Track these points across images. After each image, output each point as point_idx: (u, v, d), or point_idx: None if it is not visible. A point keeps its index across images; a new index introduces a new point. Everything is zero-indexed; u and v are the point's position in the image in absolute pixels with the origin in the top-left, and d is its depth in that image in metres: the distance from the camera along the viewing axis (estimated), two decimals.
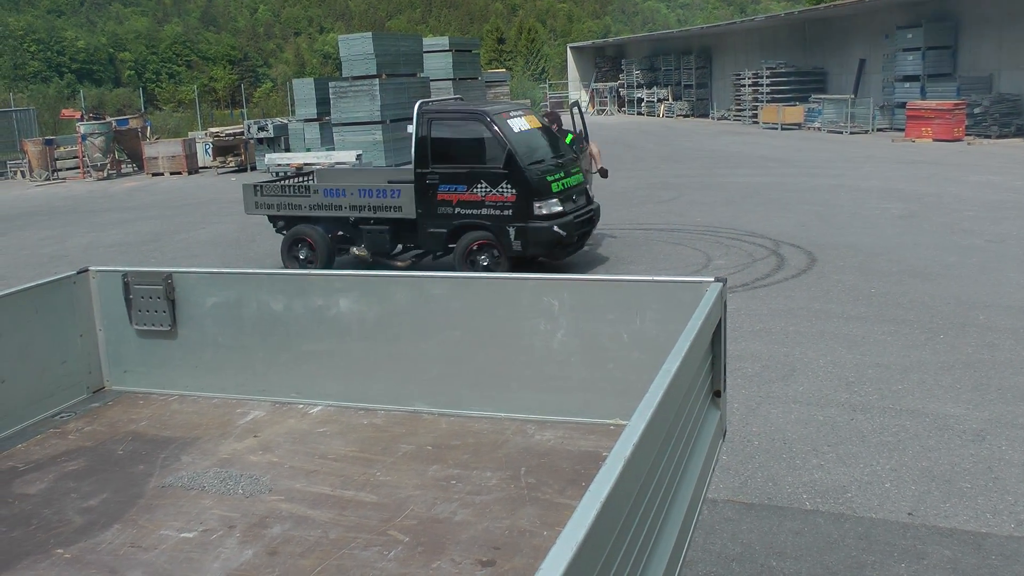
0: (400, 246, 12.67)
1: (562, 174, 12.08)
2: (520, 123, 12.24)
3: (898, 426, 6.64)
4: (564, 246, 11.91)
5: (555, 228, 11.52)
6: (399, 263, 12.56)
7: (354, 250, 12.55)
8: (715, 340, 3.41)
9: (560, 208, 11.73)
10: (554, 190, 11.75)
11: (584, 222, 12.28)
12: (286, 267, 12.60)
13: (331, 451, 3.66)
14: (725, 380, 3.60)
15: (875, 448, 6.27)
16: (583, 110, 14.32)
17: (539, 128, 12.76)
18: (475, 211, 11.73)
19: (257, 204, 12.97)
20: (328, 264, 12.53)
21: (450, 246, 12.03)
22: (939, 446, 6.26)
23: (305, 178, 14.19)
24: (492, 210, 11.66)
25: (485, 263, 11.77)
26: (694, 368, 2.93)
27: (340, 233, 12.66)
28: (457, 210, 11.81)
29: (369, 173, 14.75)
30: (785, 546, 5.01)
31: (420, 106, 12.12)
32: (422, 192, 11.92)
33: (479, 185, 11.66)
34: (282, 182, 13.63)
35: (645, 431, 2.06)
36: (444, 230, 11.93)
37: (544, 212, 11.56)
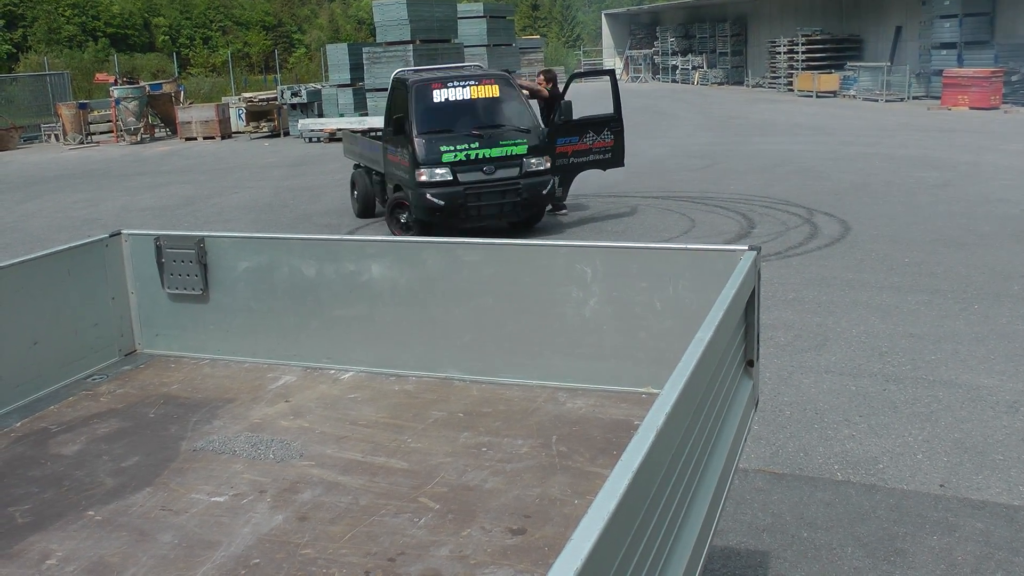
0: None
1: (475, 144, 11.99)
2: (454, 92, 12.38)
3: (931, 397, 6.56)
4: (452, 215, 11.89)
5: (428, 195, 11.78)
6: None
7: None
8: (748, 309, 3.37)
9: (449, 177, 11.80)
10: (445, 160, 11.80)
11: (502, 192, 12.08)
12: None
13: (362, 417, 3.65)
14: (758, 350, 3.55)
15: (907, 419, 6.20)
16: (617, 79, 14.15)
17: (486, 98, 12.62)
18: (397, 172, 12.63)
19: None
20: None
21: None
22: (972, 417, 6.18)
23: None
24: (402, 173, 12.36)
25: (403, 221, 12.63)
26: (727, 337, 2.89)
27: None
28: (391, 171, 12.90)
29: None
30: (816, 517, 4.97)
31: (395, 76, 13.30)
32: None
33: (400, 149, 12.40)
34: None
35: (678, 401, 2.03)
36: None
37: (424, 179, 11.81)
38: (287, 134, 30.49)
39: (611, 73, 14.48)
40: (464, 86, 12.43)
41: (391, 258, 4.09)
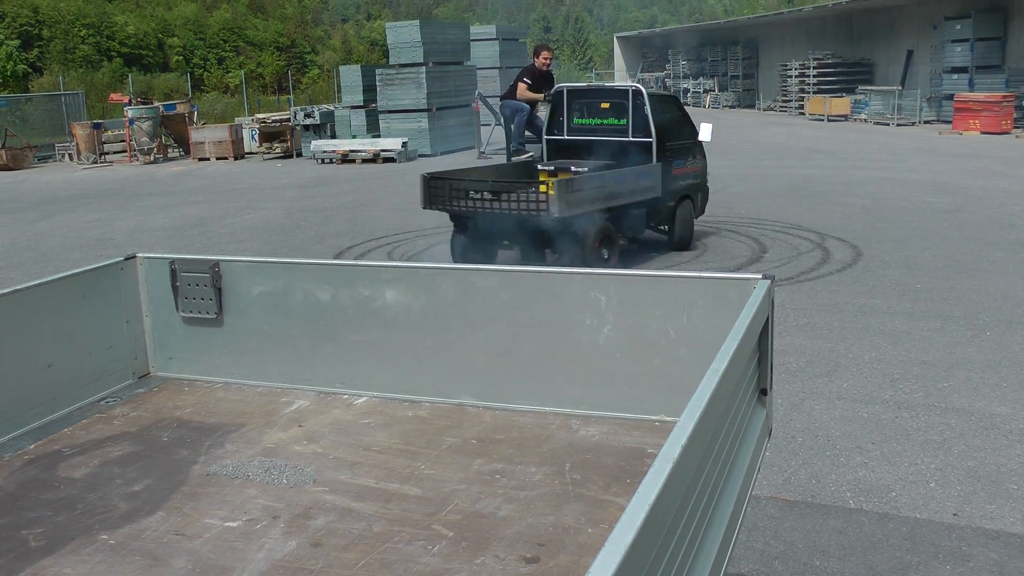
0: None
1: None
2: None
3: (944, 424, 6.54)
4: None
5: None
6: None
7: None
8: (762, 338, 3.37)
9: None
10: None
11: None
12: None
13: (375, 443, 3.65)
14: (771, 378, 3.55)
15: (920, 446, 6.18)
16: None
17: None
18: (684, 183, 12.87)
19: (569, 204, 10.47)
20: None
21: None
22: (985, 445, 6.16)
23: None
24: (692, 180, 12.88)
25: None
26: (741, 367, 2.89)
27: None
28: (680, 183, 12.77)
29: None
30: (828, 545, 4.95)
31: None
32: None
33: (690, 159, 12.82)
34: None
35: (693, 432, 2.03)
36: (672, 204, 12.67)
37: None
38: (300, 155, 30.62)
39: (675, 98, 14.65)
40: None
41: (406, 284, 4.10)
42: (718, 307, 3.53)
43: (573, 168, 11.71)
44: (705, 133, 12.51)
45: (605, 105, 12.46)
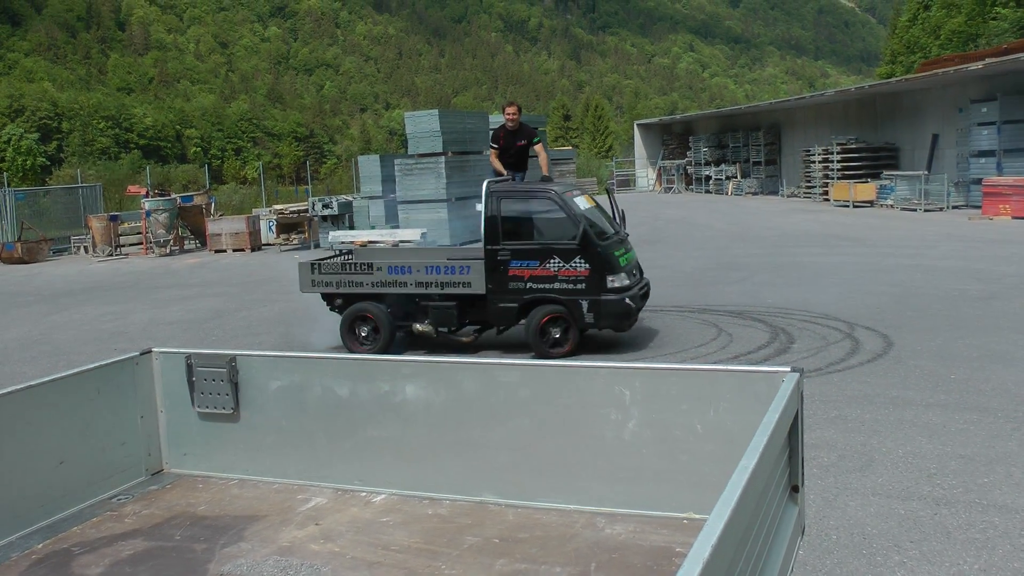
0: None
1: (623, 250, 12.67)
2: (582, 201, 12.75)
3: (986, 522, 6.43)
4: (631, 318, 12.37)
5: (626, 300, 12.04)
6: (464, 338, 12.76)
7: (417, 326, 12.71)
8: (792, 433, 3.35)
9: (628, 282, 12.23)
10: (622, 264, 12.28)
11: (644, 296, 12.85)
12: (347, 346, 12.84)
13: (395, 542, 3.62)
14: (803, 474, 3.52)
15: (962, 546, 6.07)
16: (613, 191, 14.49)
17: (595, 206, 13.14)
18: (547, 285, 12.20)
19: (314, 282, 13.11)
20: (390, 342, 12.73)
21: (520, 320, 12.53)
22: None
23: (349, 256, 14.27)
24: (566, 284, 12.13)
25: (556, 336, 12.20)
26: (771, 464, 2.87)
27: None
28: (529, 285, 12.26)
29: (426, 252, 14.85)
30: None
31: (488, 185, 12.56)
32: (492, 268, 12.31)
33: (551, 260, 12.17)
34: (343, 259, 13.80)
35: (723, 531, 2.02)
36: (515, 304, 12.36)
37: (616, 285, 12.06)
38: (318, 246, 30.87)
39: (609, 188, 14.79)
40: (580, 194, 13.01)
41: (426, 378, 4.12)
42: (746, 401, 3.52)
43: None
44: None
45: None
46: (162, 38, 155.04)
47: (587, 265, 12.01)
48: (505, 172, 13.48)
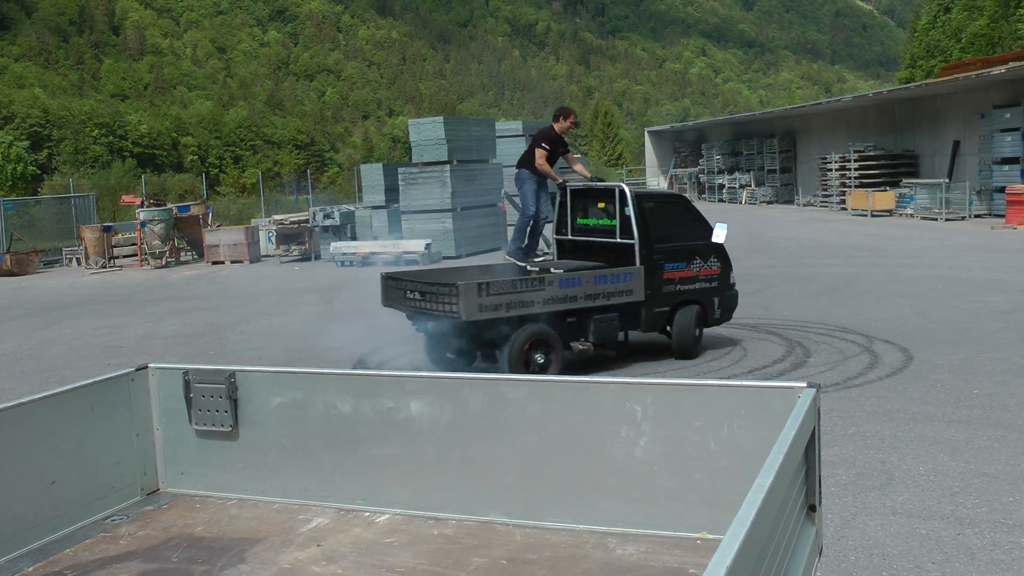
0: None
1: None
2: None
3: (1011, 543, 6.42)
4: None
5: (738, 294, 13.48)
6: (582, 347, 12.16)
7: (577, 345, 12.00)
8: (809, 450, 3.35)
9: None
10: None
11: None
12: (513, 371, 11.21)
13: (399, 563, 3.63)
14: (820, 493, 3.52)
15: (986, 567, 6.06)
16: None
17: None
18: (691, 287, 12.89)
19: (482, 307, 11.03)
20: (561, 366, 11.77)
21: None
22: None
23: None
24: (704, 283, 12.98)
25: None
26: (788, 481, 2.87)
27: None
28: (678, 287, 12.72)
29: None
30: None
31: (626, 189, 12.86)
32: (651, 273, 12.47)
33: (695, 261, 12.88)
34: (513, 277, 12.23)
35: (739, 552, 2.03)
36: (667, 308, 12.72)
37: (735, 280, 13.44)
38: (319, 257, 30.91)
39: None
40: None
41: (431, 395, 4.12)
42: (761, 417, 3.52)
43: (552, 269, 12.48)
44: (719, 235, 12.75)
45: (601, 205, 13.13)
46: (158, 43, 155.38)
47: (719, 263, 13.01)
48: (555, 177, 13.56)
